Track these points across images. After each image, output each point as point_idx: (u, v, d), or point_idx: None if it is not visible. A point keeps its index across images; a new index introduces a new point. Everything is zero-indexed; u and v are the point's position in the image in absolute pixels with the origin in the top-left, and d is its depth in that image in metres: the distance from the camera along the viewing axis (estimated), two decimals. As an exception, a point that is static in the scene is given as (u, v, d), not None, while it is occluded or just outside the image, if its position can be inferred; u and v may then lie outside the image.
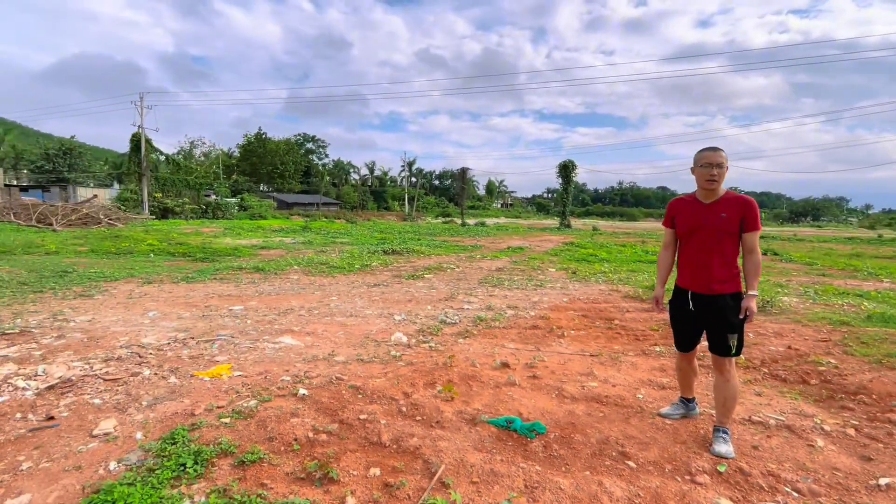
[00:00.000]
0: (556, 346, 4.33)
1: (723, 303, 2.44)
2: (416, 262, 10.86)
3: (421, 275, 8.61)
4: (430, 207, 70.61)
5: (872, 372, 3.62)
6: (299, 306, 5.77)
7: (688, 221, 2.52)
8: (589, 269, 9.86)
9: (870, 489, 2.18)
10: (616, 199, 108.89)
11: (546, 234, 25.86)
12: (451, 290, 7.00)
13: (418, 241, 17.46)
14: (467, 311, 5.66)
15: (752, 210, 2.40)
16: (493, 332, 4.71)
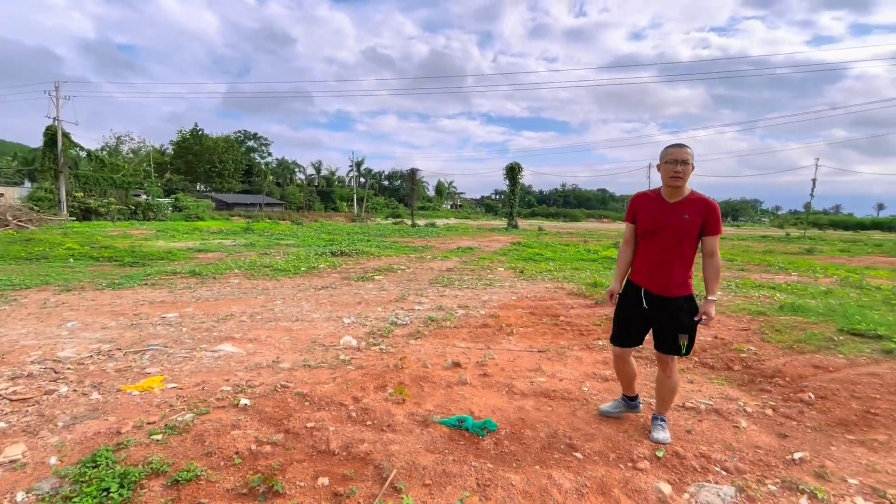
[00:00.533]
0: (506, 343, 4.41)
1: (677, 305, 2.43)
2: (365, 263, 10.68)
3: (371, 276, 8.47)
4: (380, 208, 69.80)
5: (785, 356, 4.00)
6: (240, 312, 5.48)
7: (651, 219, 2.45)
8: (535, 267, 10.16)
9: (786, 463, 2.40)
10: (560, 201, 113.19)
11: (495, 234, 26.37)
12: (402, 292, 6.94)
13: (368, 242, 17.19)
14: (418, 311, 5.63)
15: (714, 213, 2.37)
16: (445, 332, 4.71)
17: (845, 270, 11.52)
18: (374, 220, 47.43)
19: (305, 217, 44.89)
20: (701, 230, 2.38)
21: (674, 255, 2.39)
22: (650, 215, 2.45)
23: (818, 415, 2.98)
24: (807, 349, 4.17)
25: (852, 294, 7.46)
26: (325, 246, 14.68)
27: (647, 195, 2.54)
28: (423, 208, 73.57)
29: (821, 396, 3.20)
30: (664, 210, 2.41)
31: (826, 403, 3.11)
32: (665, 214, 2.39)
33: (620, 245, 2.70)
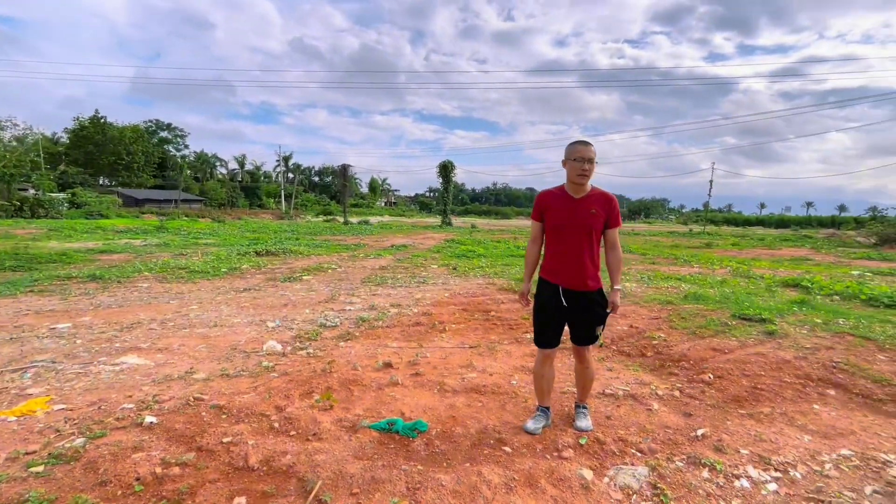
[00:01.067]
0: (439, 340, 4.41)
1: (593, 298, 2.52)
2: (293, 263, 10.20)
3: (299, 276, 8.10)
4: (311, 205, 67.12)
5: (690, 342, 4.40)
6: (149, 319, 4.97)
7: (559, 216, 2.48)
8: (468, 264, 10.32)
9: (691, 440, 2.63)
10: (491, 199, 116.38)
11: (429, 231, 26.46)
12: (332, 292, 6.71)
13: (296, 240, 16.46)
14: (349, 312, 5.47)
15: (615, 207, 2.49)
16: (377, 333, 4.62)
17: (736, 262, 13.00)
18: (303, 218, 45.53)
19: (228, 214, 42.02)
20: (605, 224, 2.49)
21: (584, 249, 2.45)
22: (558, 212, 2.49)
23: (716, 393, 3.31)
24: (707, 334, 4.62)
25: (742, 283, 8.42)
26: (249, 245, 13.83)
27: (552, 193, 2.57)
28: (356, 205, 71.96)
29: (718, 376, 3.56)
30: (571, 206, 2.46)
31: (722, 382, 3.46)
32: (573, 210, 2.45)
33: (528, 244, 2.70)
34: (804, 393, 3.33)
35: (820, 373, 3.63)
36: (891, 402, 3.22)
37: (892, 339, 4.42)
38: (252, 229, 23.50)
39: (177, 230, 20.21)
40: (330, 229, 26.04)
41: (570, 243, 2.46)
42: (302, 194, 71.60)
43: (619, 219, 2.52)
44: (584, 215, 2.43)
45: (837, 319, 5.23)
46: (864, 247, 23.17)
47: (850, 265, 13.52)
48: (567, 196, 2.49)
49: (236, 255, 11.09)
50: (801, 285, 7.99)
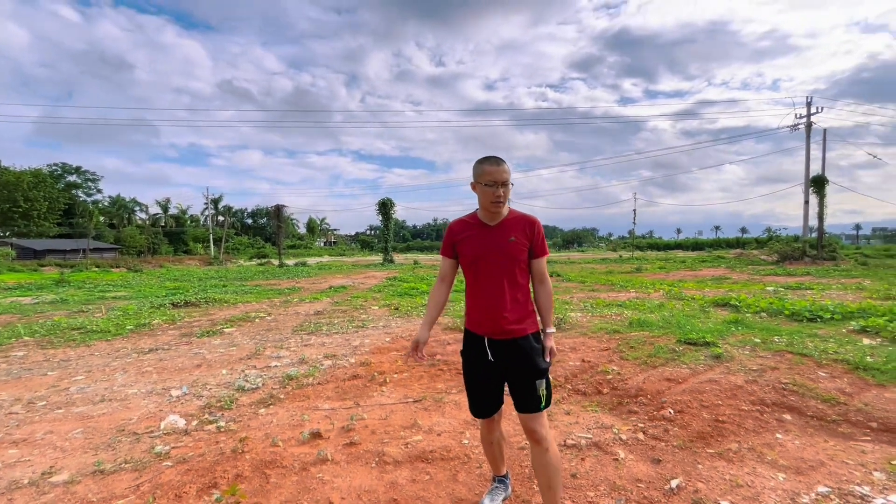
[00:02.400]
0: (378, 396, 3.89)
1: (525, 345, 1.97)
2: (216, 313, 9.16)
3: (220, 329, 7.19)
4: (243, 248, 63.55)
5: (643, 373, 4.23)
6: (12, 399, 3.99)
7: (473, 248, 2.01)
8: (411, 303, 9.85)
9: (666, 494, 2.33)
10: (433, 234, 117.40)
11: (370, 270, 25.69)
12: (258, 345, 5.95)
13: (223, 287, 15.13)
14: (275, 368, 4.78)
15: (539, 231, 2.05)
16: (306, 392, 4.00)
17: (667, 284, 13.64)
18: (235, 263, 42.77)
19: (147, 263, 38.53)
20: (529, 253, 2.03)
21: (505, 285, 1.97)
22: (472, 244, 2.02)
23: (680, 430, 3.08)
24: (658, 363, 4.49)
25: (678, 305, 8.68)
26: (167, 296, 12.42)
27: (463, 222, 2.10)
28: (293, 247, 69.30)
29: (678, 411, 3.36)
30: (486, 235, 2.01)
31: (684, 417, 3.26)
32: (489, 239, 1.99)
33: (434, 285, 2.19)
34: (763, 421, 3.20)
35: (773, 396, 3.55)
36: (844, 422, 3.16)
37: (825, 354, 4.53)
38: (174, 278, 21.48)
39: (81, 283, 17.93)
40: (263, 273, 24.45)
41: (489, 280, 1.98)
42: (233, 238, 67.81)
43: (545, 245, 2.07)
44: (503, 244, 1.98)
45: (773, 337, 5.36)
46: (768, 264, 25.64)
47: (762, 282, 14.68)
48: (480, 224, 2.04)
49: (149, 308, 9.82)
50: (730, 304, 8.35)
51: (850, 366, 4.14)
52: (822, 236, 28.52)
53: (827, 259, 25.60)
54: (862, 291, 10.79)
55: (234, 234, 69.54)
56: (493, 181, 1.95)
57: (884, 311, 6.72)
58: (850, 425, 3.11)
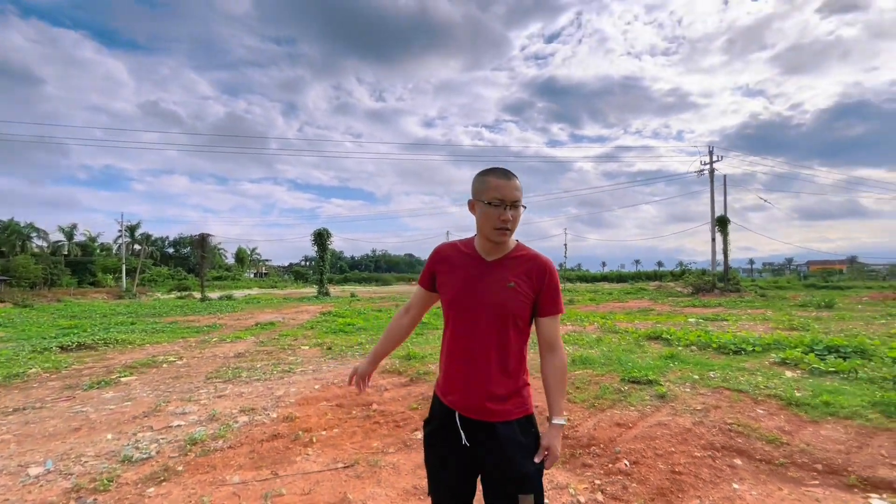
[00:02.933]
0: (302, 461, 3.31)
1: (507, 435, 1.43)
2: (114, 358, 7.90)
3: (115, 379, 6.11)
4: (162, 280, 58.00)
5: (593, 418, 4.03)
6: None
7: (456, 286, 1.50)
8: (346, 341, 9.18)
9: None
10: (371, 266, 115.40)
11: (303, 304, 24.26)
12: (159, 398, 5.06)
13: (131, 325, 13.37)
14: (177, 429, 4.01)
15: (552, 280, 1.49)
16: (212, 460, 3.32)
17: (600, 317, 14.06)
18: (151, 296, 38.76)
19: (42, 296, 33.85)
20: (534, 306, 1.49)
21: (492, 345, 1.45)
22: (458, 278, 1.51)
23: (639, 487, 2.85)
24: (605, 405, 4.33)
25: (614, 339, 8.82)
26: (57, 337, 10.66)
27: (455, 246, 1.60)
28: (219, 278, 64.58)
29: (634, 462, 3.15)
30: (479, 271, 1.50)
31: (641, 469, 3.05)
32: (480, 279, 1.48)
33: (398, 312, 1.76)
34: (718, 469, 3.07)
35: (721, 439, 3.47)
36: (791, 465, 3.12)
37: (758, 390, 4.64)
38: (72, 314, 18.80)
39: (-55, 323, 15.04)
40: (182, 308, 22.18)
41: (470, 334, 1.47)
42: (151, 268, 61.85)
43: (560, 300, 1.52)
44: (497, 289, 1.46)
45: (708, 372, 5.46)
46: (684, 295, 27.69)
47: (683, 313, 15.64)
48: (475, 256, 1.53)
49: (28, 353, 8.27)
50: (662, 337, 8.62)
51: (783, 401, 4.24)
52: (728, 270, 31.56)
53: (733, 291, 28.20)
54: (769, 322, 11.75)
55: (151, 265, 63.50)
56: (501, 199, 1.42)
57: (795, 343, 7.22)
58: (798, 468, 3.07)
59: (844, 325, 10.65)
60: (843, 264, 73.44)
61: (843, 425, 3.67)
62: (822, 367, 5.56)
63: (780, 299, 22.59)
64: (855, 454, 3.18)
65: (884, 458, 3.10)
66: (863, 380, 5.02)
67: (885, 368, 5.44)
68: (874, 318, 12.32)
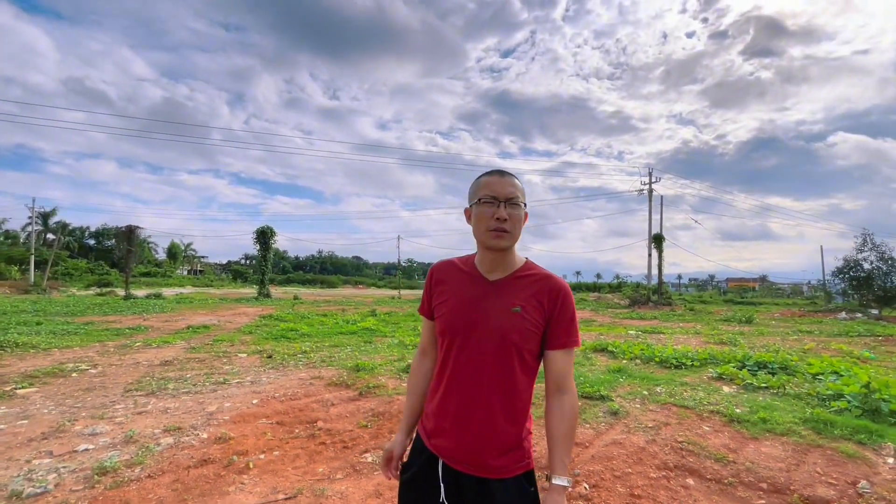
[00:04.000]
0: (235, 492, 2.93)
1: (503, 496, 1.20)
2: (11, 364, 6.87)
3: (10, 391, 5.27)
4: (80, 274, 52.56)
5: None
6: None
7: (456, 310, 1.27)
8: (288, 348, 8.63)
9: None
10: (317, 267, 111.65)
11: (242, 305, 22.86)
12: (65, 416, 4.39)
13: (37, 325, 11.86)
14: (83, 454, 3.45)
15: (569, 306, 1.25)
16: (126, 494, 2.86)
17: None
18: (65, 291, 34.91)
19: (-75, 288, 29.34)
20: (543, 337, 1.25)
21: (494, 384, 1.21)
22: (455, 301, 1.28)
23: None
24: (561, 422, 4.28)
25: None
26: (-60, 338, 9.17)
27: (454, 264, 1.37)
28: (148, 274, 59.76)
29: (594, 485, 3.08)
30: (480, 294, 1.27)
31: (601, 494, 2.98)
32: (480, 302, 1.25)
33: (414, 356, 1.48)
34: (673, 490, 3.07)
35: (674, 458, 3.50)
36: (739, 484, 3.18)
37: (701, 406, 4.80)
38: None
39: None
40: (102, 306, 20.08)
41: (468, 369, 1.24)
42: (66, 261, 55.94)
43: (576, 329, 1.26)
44: (500, 314, 1.23)
45: (655, 388, 5.61)
46: (622, 307, 29.18)
47: (623, 325, 16.37)
48: (476, 276, 1.30)
49: None
50: (608, 350, 8.86)
51: (726, 418, 4.40)
52: (661, 285, 33.66)
53: (665, 304, 30.08)
54: (700, 336, 12.52)
55: (67, 257, 57.48)
56: (493, 196, 1.22)
57: (728, 358, 7.66)
58: (746, 487, 3.14)
59: (765, 341, 11.55)
60: (756, 282, 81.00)
61: (781, 442, 3.84)
62: (754, 383, 5.89)
63: (706, 313, 24.29)
64: (794, 472, 3.31)
65: (820, 476, 3.24)
66: (791, 396, 5.35)
67: (807, 384, 5.86)
68: (788, 334, 13.51)
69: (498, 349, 1.21)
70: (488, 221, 1.22)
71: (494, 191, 1.23)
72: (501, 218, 1.21)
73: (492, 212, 1.22)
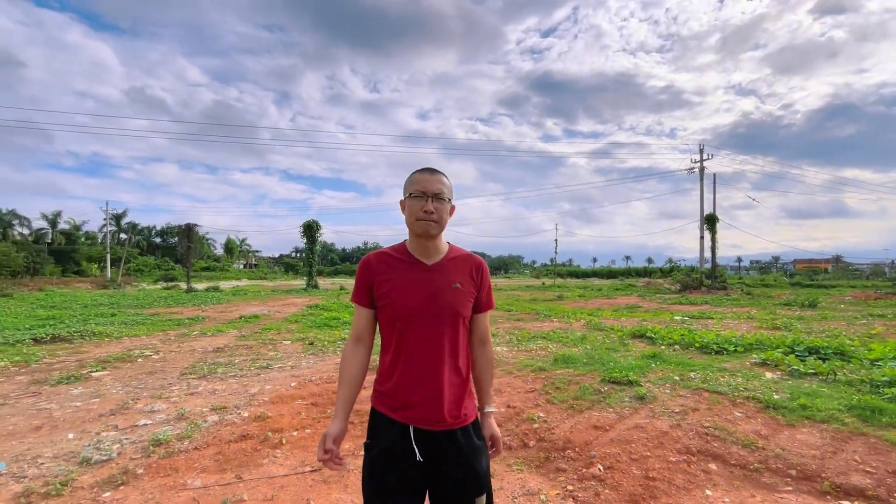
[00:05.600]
0: (269, 463, 3.21)
1: (466, 442, 1.42)
2: (89, 351, 7.70)
3: (86, 374, 5.94)
4: (149, 270, 57.15)
5: (570, 419, 3.98)
6: None
7: (404, 297, 1.42)
8: (329, 336, 9.07)
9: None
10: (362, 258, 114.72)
11: (291, 296, 24.04)
12: (129, 395, 4.92)
13: (111, 317, 13.12)
14: (143, 428, 3.88)
15: (488, 278, 1.55)
16: (175, 462, 3.21)
17: (587, 314, 14.08)
18: (136, 286, 38.15)
19: (24, 285, 33.01)
20: (474, 306, 1.52)
21: (448, 352, 1.43)
22: (402, 289, 1.43)
23: (611, 493, 2.79)
24: (584, 406, 4.28)
25: (599, 337, 8.82)
26: (32, 329, 10.39)
27: (386, 254, 1.51)
28: (207, 269, 63.91)
29: (608, 467, 3.10)
30: (422, 277, 1.44)
31: (614, 475, 2.99)
32: (426, 284, 1.43)
33: (345, 347, 1.53)
34: (692, 474, 3.03)
35: (697, 443, 3.43)
36: (766, 470, 3.09)
37: (737, 392, 4.62)
38: (51, 304, 18.41)
39: (-82, 312, 14.62)
40: (167, 299, 21.84)
41: (425, 345, 1.41)
42: (137, 258, 60.94)
43: (492, 295, 1.58)
44: (446, 292, 1.43)
45: (689, 373, 5.45)
46: (672, 292, 27.93)
47: (670, 310, 15.73)
48: (413, 262, 1.47)
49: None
50: (646, 336, 8.62)
51: (761, 404, 4.22)
52: (715, 268, 31.87)
53: (720, 289, 28.46)
54: (752, 321, 11.84)
55: (137, 254, 62.60)
56: (422, 191, 1.42)
57: (777, 343, 7.24)
58: (772, 474, 3.04)
59: (827, 325, 10.76)
60: (829, 263, 74.57)
61: (819, 429, 3.65)
62: (801, 369, 5.57)
63: (765, 298, 22.85)
64: (829, 460, 3.15)
65: (857, 465, 3.08)
66: (841, 382, 5.03)
67: (863, 371, 5.47)
68: (856, 318, 12.47)
69: (450, 321, 1.44)
70: (417, 212, 1.42)
71: (423, 187, 1.43)
72: (429, 210, 1.41)
73: (420, 204, 1.42)
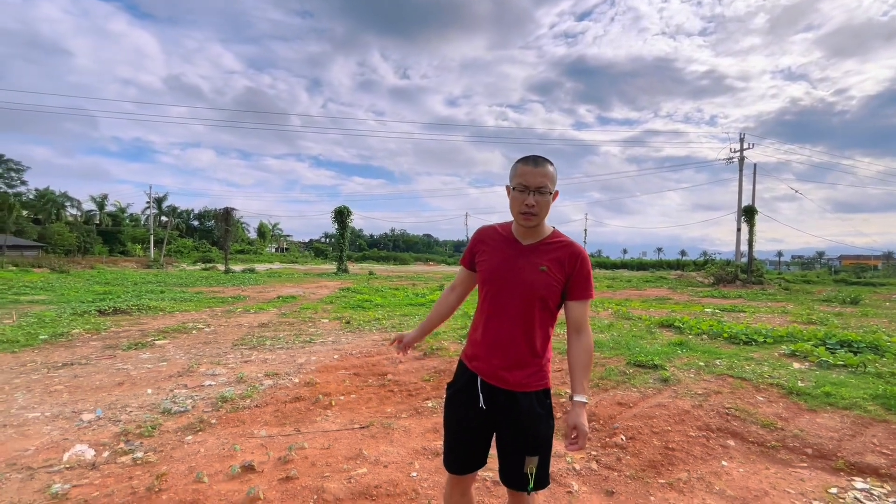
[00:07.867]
0: (322, 421, 3.62)
1: (525, 406, 1.58)
2: (147, 323, 8.42)
3: (150, 342, 6.58)
4: (188, 252, 59.94)
5: (596, 396, 4.23)
6: None
7: (495, 266, 1.63)
8: (363, 316, 9.54)
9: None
10: (390, 245, 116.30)
11: (323, 279, 24.90)
12: (191, 361, 5.46)
13: (160, 294, 14.07)
14: (209, 388, 4.38)
15: (584, 266, 1.60)
16: (241, 416, 3.66)
17: (615, 304, 14.11)
18: (177, 266, 40.19)
19: (77, 263, 35.33)
20: (564, 290, 1.61)
21: (521, 325, 1.58)
22: (494, 259, 1.64)
23: (632, 459, 3.05)
24: (609, 385, 4.51)
25: (626, 325, 8.93)
26: (94, 301, 11.34)
27: (496, 230, 1.71)
28: (241, 252, 66.31)
29: (630, 437, 3.35)
30: (515, 254, 1.62)
31: (636, 444, 3.24)
32: (514, 260, 1.61)
33: (446, 289, 1.88)
34: (710, 448, 3.24)
35: (717, 422, 3.63)
36: (782, 448, 3.26)
37: (761, 379, 4.74)
38: (105, 281, 19.79)
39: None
40: (206, 279, 23.06)
41: (501, 311, 1.60)
42: (177, 240, 63.87)
43: (591, 285, 1.62)
44: (530, 271, 1.58)
45: (714, 360, 5.57)
46: (705, 286, 27.30)
47: (701, 303, 15.53)
48: (512, 240, 1.65)
49: (70, 315, 8.88)
50: (674, 325, 8.69)
51: (785, 390, 4.34)
52: (752, 262, 30.85)
53: (755, 283, 27.63)
54: (787, 315, 11.62)
55: (177, 236, 65.57)
56: (525, 185, 1.53)
57: (808, 336, 7.21)
58: (788, 451, 3.22)
59: (866, 322, 10.48)
60: (879, 260, 70.48)
61: (841, 415, 3.77)
62: (830, 361, 5.59)
63: (804, 293, 22.11)
64: (847, 441, 3.30)
65: (875, 447, 3.21)
66: (870, 374, 5.05)
67: (895, 364, 5.45)
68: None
69: (524, 297, 1.58)
70: (520, 206, 1.56)
71: (527, 181, 1.54)
72: (530, 205, 1.54)
73: (523, 198, 1.54)
